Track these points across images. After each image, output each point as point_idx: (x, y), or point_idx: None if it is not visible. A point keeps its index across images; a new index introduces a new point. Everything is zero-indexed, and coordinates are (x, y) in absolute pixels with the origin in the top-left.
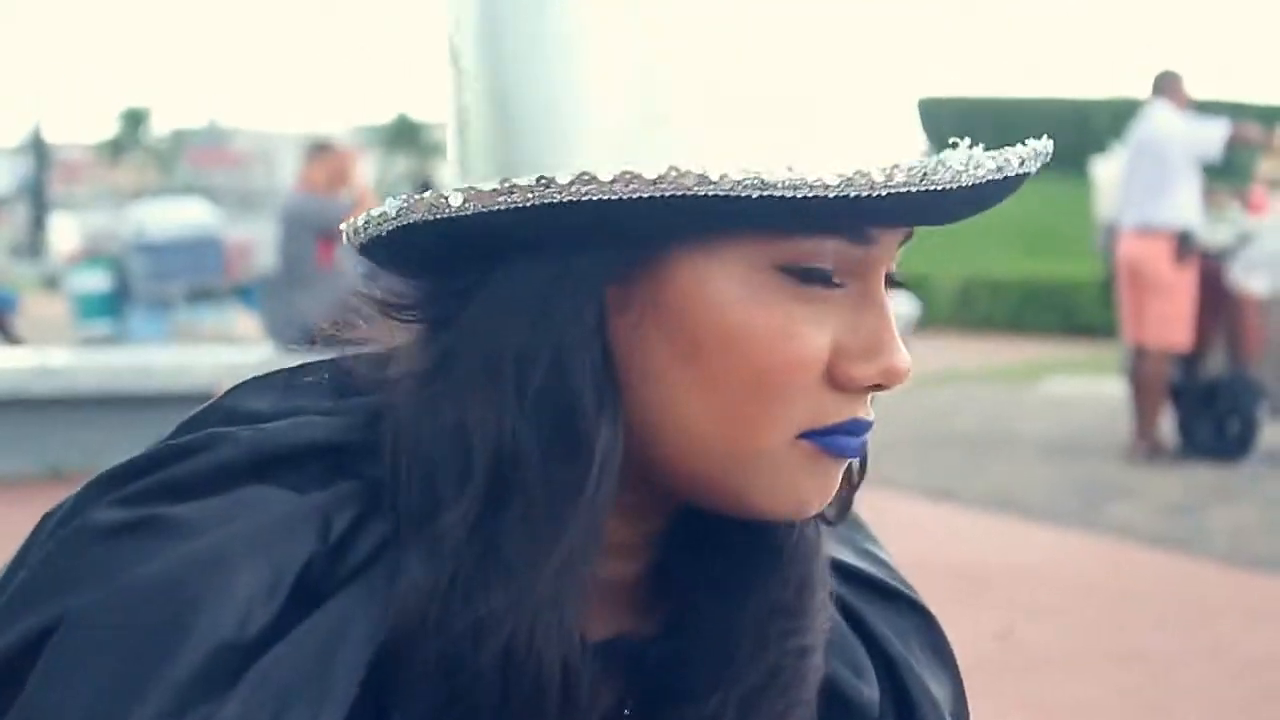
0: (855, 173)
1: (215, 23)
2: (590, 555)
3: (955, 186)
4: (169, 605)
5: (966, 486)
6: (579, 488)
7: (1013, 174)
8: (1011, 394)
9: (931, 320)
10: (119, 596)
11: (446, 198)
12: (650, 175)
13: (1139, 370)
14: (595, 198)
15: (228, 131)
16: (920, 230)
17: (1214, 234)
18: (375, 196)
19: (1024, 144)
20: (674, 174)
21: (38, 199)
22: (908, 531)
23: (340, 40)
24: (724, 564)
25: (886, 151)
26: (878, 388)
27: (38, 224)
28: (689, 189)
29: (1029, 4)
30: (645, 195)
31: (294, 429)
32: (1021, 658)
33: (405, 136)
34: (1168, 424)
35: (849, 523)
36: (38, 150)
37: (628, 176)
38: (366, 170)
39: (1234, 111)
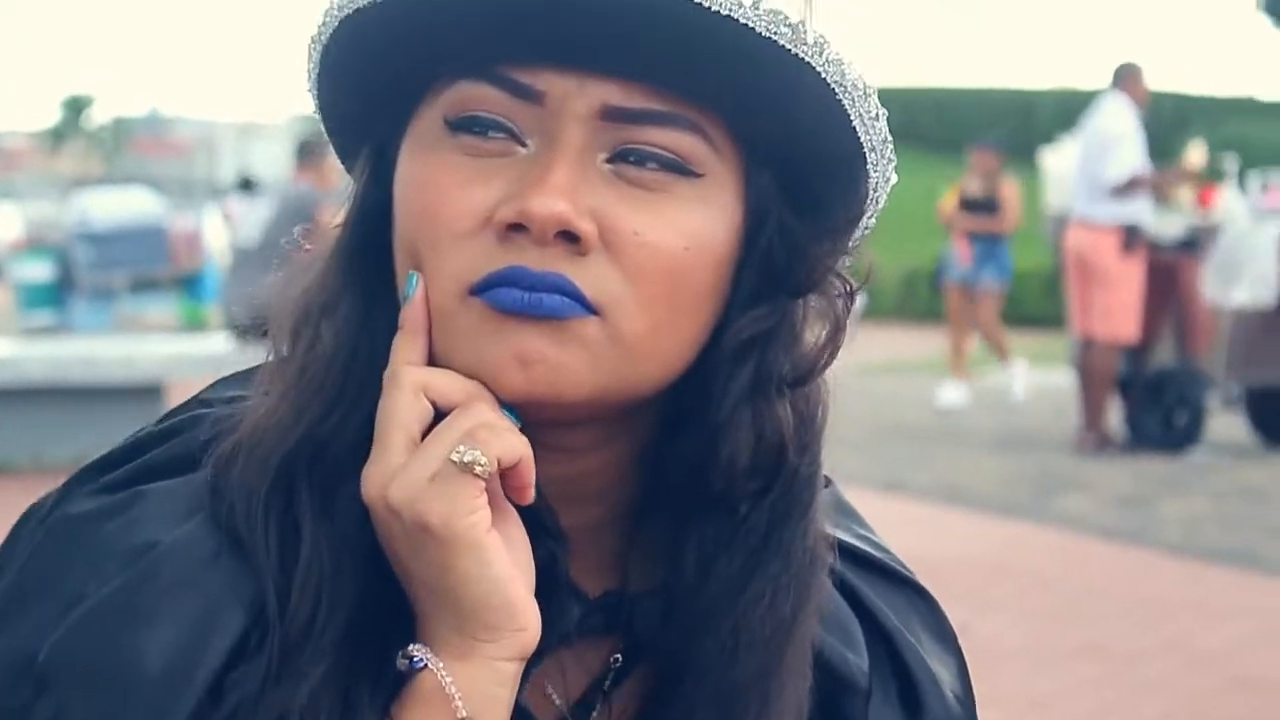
0: None
1: (156, 9)
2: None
3: None
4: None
5: (916, 478)
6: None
7: None
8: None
9: (876, 311)
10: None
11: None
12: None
13: (1087, 362)
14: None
15: (169, 120)
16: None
17: (1164, 227)
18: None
19: None
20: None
21: None
22: None
23: (280, 28)
24: (703, 545)
25: None
26: (521, 230)
27: None
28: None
29: None
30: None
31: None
32: (979, 651)
33: None
34: (1115, 416)
35: (844, 511)
36: None
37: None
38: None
39: (1181, 103)
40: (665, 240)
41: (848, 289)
